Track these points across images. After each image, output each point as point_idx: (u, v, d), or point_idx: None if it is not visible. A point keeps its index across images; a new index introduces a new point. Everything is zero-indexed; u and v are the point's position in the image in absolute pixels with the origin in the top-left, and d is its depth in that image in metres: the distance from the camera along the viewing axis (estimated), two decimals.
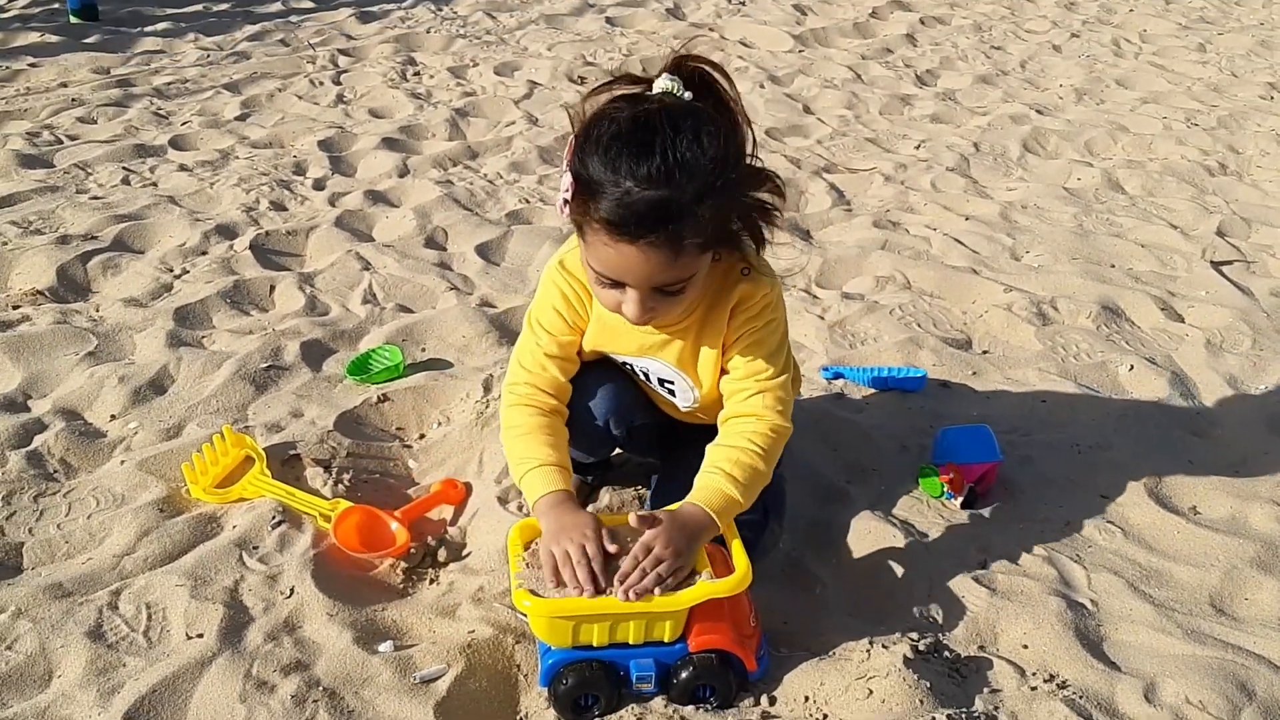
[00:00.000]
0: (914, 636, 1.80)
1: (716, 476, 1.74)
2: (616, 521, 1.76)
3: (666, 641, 1.67)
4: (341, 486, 2.22)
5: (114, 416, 2.45)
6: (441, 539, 2.10)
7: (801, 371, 2.33)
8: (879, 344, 2.84)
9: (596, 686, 1.66)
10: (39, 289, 3.00)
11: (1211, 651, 1.82)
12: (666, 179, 1.55)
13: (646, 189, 1.55)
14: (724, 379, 1.86)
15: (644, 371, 1.94)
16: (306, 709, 1.67)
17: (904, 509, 2.20)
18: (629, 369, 1.96)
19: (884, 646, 1.76)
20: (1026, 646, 1.85)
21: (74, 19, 5.62)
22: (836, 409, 2.53)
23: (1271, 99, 5.10)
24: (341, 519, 2.09)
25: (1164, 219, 3.75)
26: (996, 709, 1.70)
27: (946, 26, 6.34)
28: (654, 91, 1.64)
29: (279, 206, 3.61)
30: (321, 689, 1.71)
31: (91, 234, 3.31)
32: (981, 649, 1.85)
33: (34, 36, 5.33)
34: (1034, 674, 1.79)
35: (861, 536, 2.10)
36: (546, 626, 1.66)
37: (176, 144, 4.17)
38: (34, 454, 2.29)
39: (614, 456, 2.22)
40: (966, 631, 1.88)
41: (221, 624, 1.83)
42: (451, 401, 2.53)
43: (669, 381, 1.92)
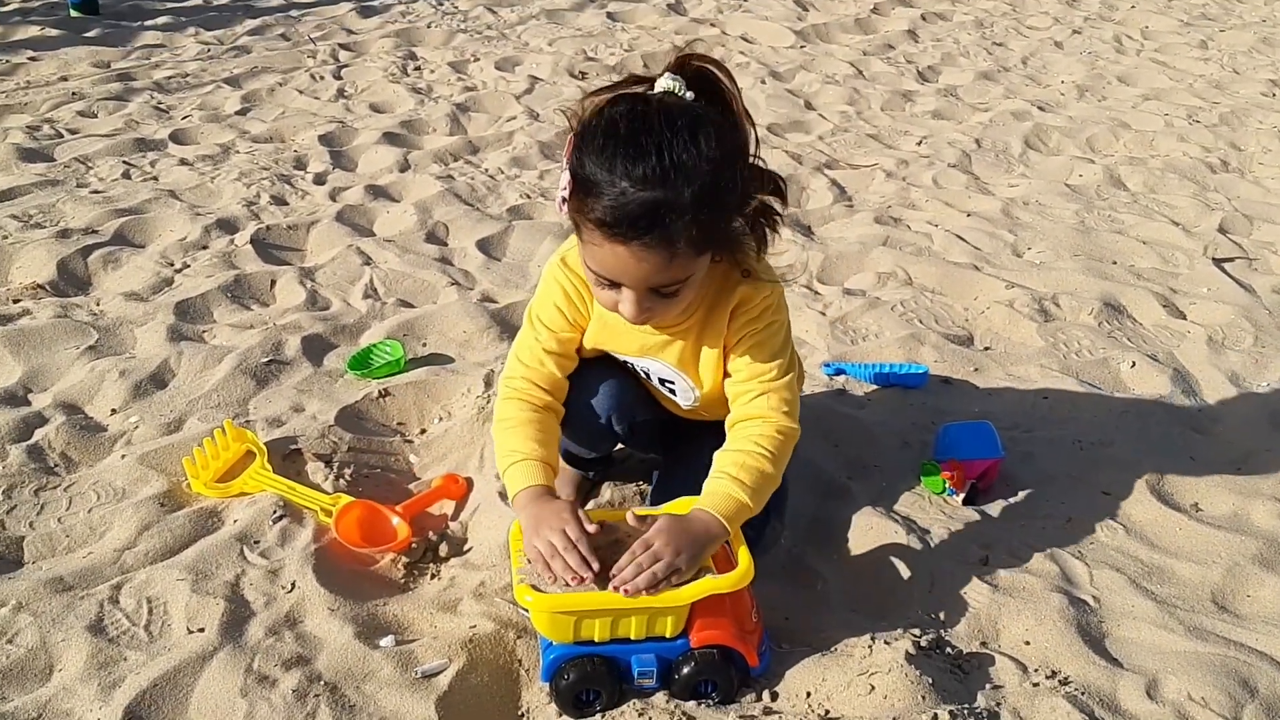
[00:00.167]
0: (916, 632, 1.80)
1: (725, 481, 1.72)
2: (615, 517, 1.76)
3: (668, 637, 1.67)
4: (343, 481, 2.22)
5: (115, 410, 2.45)
6: (443, 534, 2.10)
7: (804, 368, 2.32)
8: (880, 340, 2.84)
9: (598, 682, 1.66)
10: (39, 283, 3.00)
11: (1213, 648, 1.82)
12: (662, 180, 1.53)
13: (641, 190, 1.53)
14: (728, 382, 1.84)
15: (645, 371, 1.94)
16: (308, 703, 1.67)
17: (906, 505, 2.19)
18: (630, 367, 1.96)
19: (886, 643, 1.76)
20: (1028, 643, 1.85)
21: (74, 12, 5.62)
22: (838, 405, 2.53)
23: (1273, 96, 5.09)
24: (343, 514, 2.09)
25: (1166, 216, 3.74)
26: (998, 705, 1.70)
27: (948, 23, 6.33)
28: (655, 91, 1.62)
29: (280, 201, 3.61)
30: (323, 683, 1.71)
31: (92, 228, 3.31)
32: (983, 645, 1.85)
33: (34, 30, 5.33)
34: (1036, 670, 1.79)
35: (863, 533, 2.10)
36: (548, 621, 1.66)
37: (177, 138, 4.16)
38: (34, 448, 2.29)
39: (616, 452, 2.21)
40: (968, 628, 1.88)
41: (223, 618, 1.83)
42: (453, 396, 2.53)
43: (669, 381, 1.92)
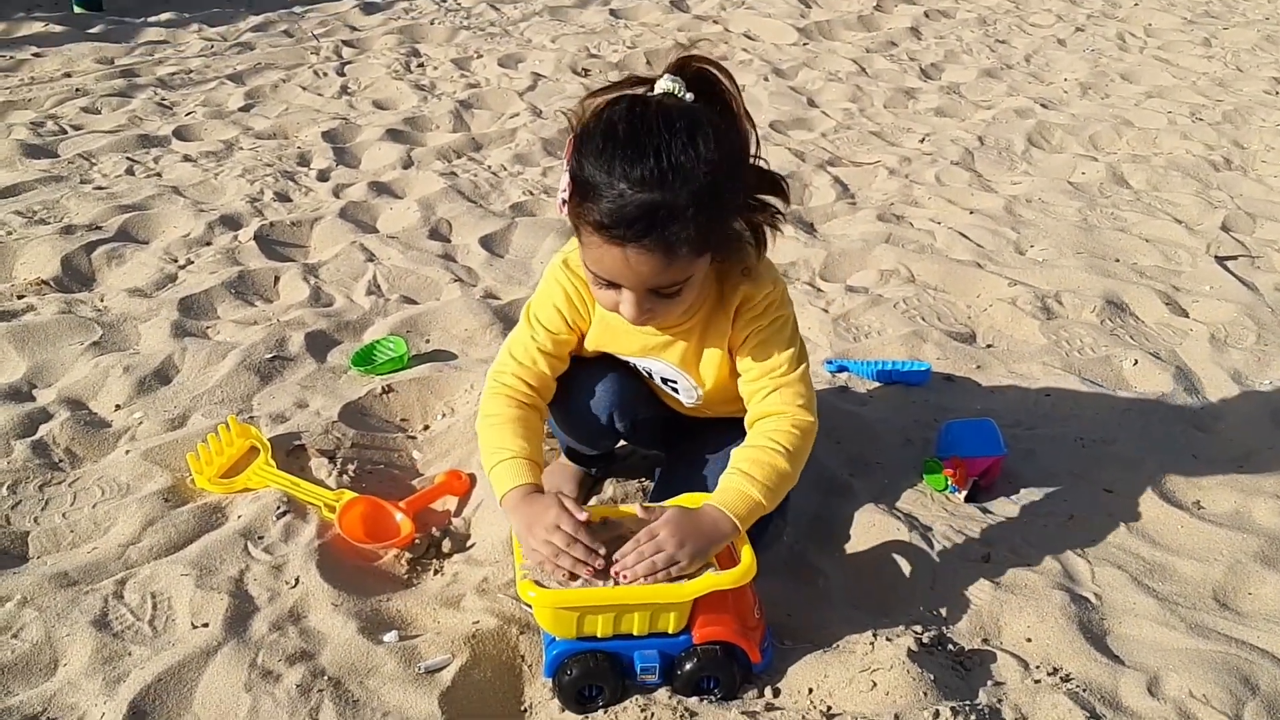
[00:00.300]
0: (918, 629, 1.81)
1: (739, 478, 1.71)
2: (622, 514, 1.76)
3: (671, 633, 1.67)
4: (346, 477, 2.23)
5: (119, 406, 2.46)
6: (446, 530, 2.11)
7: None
8: (883, 337, 2.84)
9: (601, 677, 1.66)
10: (44, 279, 3.00)
11: (1215, 646, 1.82)
12: (659, 182, 1.52)
13: (639, 192, 1.53)
14: (740, 382, 1.83)
15: (647, 370, 1.94)
16: (311, 698, 1.67)
17: (908, 502, 2.20)
18: (632, 365, 1.96)
19: (888, 639, 1.76)
20: (1030, 640, 1.85)
21: (78, 9, 5.62)
22: (840, 402, 2.53)
23: (1277, 94, 5.08)
24: (346, 509, 2.09)
25: (1168, 214, 3.74)
26: (1000, 702, 1.70)
27: (951, 20, 6.33)
28: (655, 93, 1.62)
29: (283, 197, 3.61)
30: (326, 678, 1.71)
31: (96, 224, 3.31)
32: (985, 642, 1.85)
33: (38, 26, 5.33)
34: (1038, 667, 1.79)
35: (865, 530, 2.11)
36: (551, 617, 1.66)
37: (181, 134, 4.17)
38: (39, 443, 2.29)
39: (618, 449, 2.21)
40: (970, 625, 1.88)
41: (227, 613, 1.83)
42: (456, 393, 2.53)
43: (672, 381, 1.92)
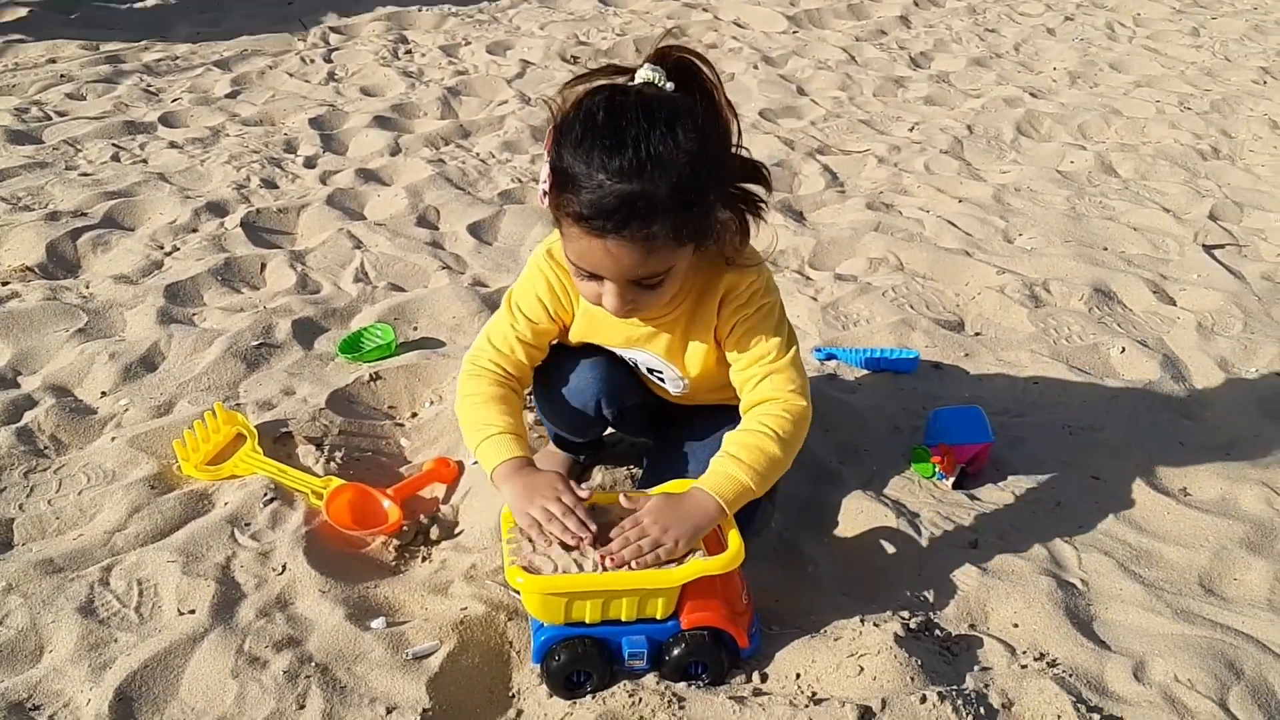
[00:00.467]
0: (905, 615, 1.81)
1: (727, 461, 1.71)
2: (607, 500, 1.76)
3: (659, 619, 1.68)
4: (333, 464, 2.22)
5: (104, 393, 2.45)
6: (434, 517, 2.11)
7: None
8: (871, 325, 2.84)
9: (589, 663, 1.66)
10: (28, 265, 2.98)
11: (1200, 631, 1.83)
12: (638, 173, 1.52)
13: (618, 183, 1.52)
14: (732, 372, 1.82)
15: (633, 360, 1.93)
16: (299, 685, 1.67)
17: (896, 489, 2.20)
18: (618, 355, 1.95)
19: (875, 625, 1.77)
20: (1017, 625, 1.86)
21: None
22: (829, 390, 2.53)
23: (1264, 83, 5.09)
24: (333, 496, 2.09)
25: (1156, 202, 3.75)
26: (987, 687, 1.71)
27: (940, 9, 6.32)
28: (635, 82, 1.61)
29: (270, 184, 3.59)
30: (314, 665, 1.71)
31: (81, 210, 3.29)
32: (972, 627, 1.86)
33: (22, 12, 5.27)
34: (1024, 652, 1.80)
35: (853, 516, 2.11)
36: (539, 603, 1.66)
37: (167, 121, 4.14)
38: (24, 430, 2.28)
39: (606, 436, 2.21)
40: (957, 610, 1.89)
41: (213, 600, 1.83)
42: (443, 380, 2.53)
43: (658, 371, 1.92)
